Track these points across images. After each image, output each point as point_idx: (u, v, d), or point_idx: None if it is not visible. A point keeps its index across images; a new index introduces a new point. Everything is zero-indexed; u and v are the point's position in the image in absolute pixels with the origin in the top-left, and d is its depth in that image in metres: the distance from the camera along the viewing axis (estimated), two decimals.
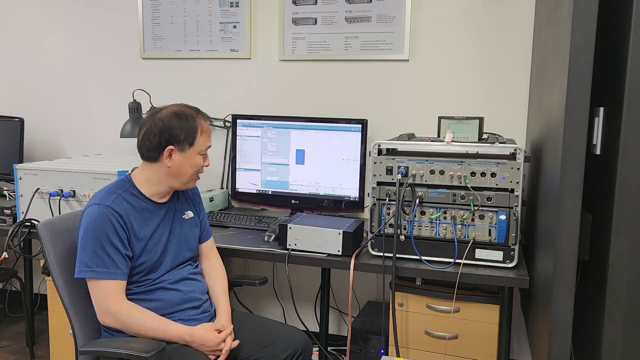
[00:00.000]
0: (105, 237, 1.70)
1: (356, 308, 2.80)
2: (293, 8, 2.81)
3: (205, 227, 2.07)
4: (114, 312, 1.70)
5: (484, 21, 2.58)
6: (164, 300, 1.81)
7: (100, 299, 1.71)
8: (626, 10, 1.31)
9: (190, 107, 1.88)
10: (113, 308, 1.70)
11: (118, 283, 1.72)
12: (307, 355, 1.97)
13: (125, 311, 1.71)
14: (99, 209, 1.72)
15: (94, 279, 1.70)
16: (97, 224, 1.71)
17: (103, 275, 1.69)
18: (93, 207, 1.74)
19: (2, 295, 3.44)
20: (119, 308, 1.71)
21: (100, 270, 1.69)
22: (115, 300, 1.71)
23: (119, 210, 1.74)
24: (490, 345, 2.03)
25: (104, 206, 1.73)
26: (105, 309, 1.71)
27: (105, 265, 1.69)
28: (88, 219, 1.72)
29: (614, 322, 1.37)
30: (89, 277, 1.70)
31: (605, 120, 1.40)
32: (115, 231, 1.72)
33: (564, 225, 1.39)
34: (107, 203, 1.74)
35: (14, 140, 3.00)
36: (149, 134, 1.79)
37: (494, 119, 2.55)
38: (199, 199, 2.07)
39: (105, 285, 1.70)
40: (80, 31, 3.18)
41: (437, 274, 1.99)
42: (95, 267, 1.69)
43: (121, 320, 1.71)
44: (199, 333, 1.77)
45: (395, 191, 2.01)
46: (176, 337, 1.75)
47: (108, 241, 1.70)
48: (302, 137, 2.65)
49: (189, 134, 1.80)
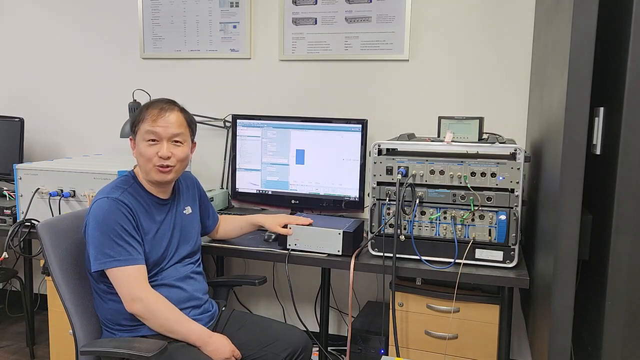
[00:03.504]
0: (119, 226, 1.71)
1: (356, 308, 2.80)
2: (293, 8, 2.81)
3: (211, 215, 2.16)
4: (143, 298, 1.71)
5: (484, 21, 2.58)
6: (167, 297, 1.81)
7: (128, 286, 1.71)
8: (626, 10, 1.31)
9: (161, 99, 1.90)
10: (142, 294, 1.71)
11: (141, 268, 1.73)
12: (307, 354, 1.98)
13: (153, 298, 1.72)
14: (108, 202, 1.74)
15: (119, 267, 1.70)
16: (109, 216, 1.72)
17: (127, 263, 1.70)
18: (101, 201, 1.74)
19: (2, 295, 3.44)
20: (147, 294, 1.72)
21: (123, 258, 1.70)
22: (143, 286, 1.72)
23: (127, 202, 1.76)
24: (490, 345, 2.03)
25: (112, 198, 1.74)
26: (134, 295, 1.71)
27: (128, 253, 1.71)
28: (98, 212, 1.73)
29: (614, 322, 1.37)
30: (112, 267, 1.70)
31: (605, 120, 1.40)
32: (127, 220, 1.73)
33: (564, 225, 1.39)
34: (115, 196, 1.75)
35: (14, 140, 3.00)
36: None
37: (494, 119, 2.55)
38: (199, 192, 2.09)
39: (130, 271, 1.71)
40: (80, 31, 3.18)
41: (437, 274, 1.99)
42: (117, 256, 1.70)
43: (149, 306, 1.71)
44: (218, 338, 1.79)
45: (395, 191, 2.01)
46: (196, 335, 1.75)
47: (123, 229, 1.72)
48: (302, 137, 2.65)
49: (134, 122, 1.85)
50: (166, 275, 1.84)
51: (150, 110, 1.83)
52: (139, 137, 1.83)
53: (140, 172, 1.87)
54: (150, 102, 1.87)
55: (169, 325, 1.74)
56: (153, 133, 1.80)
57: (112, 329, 1.79)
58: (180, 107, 1.89)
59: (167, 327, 1.74)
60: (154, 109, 1.83)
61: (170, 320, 1.74)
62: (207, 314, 1.92)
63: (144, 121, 1.82)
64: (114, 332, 1.78)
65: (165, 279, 1.83)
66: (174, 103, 1.88)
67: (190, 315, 1.85)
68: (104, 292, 1.77)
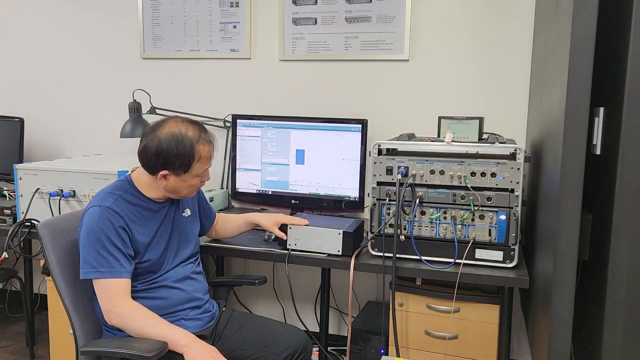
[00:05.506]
0: (106, 237, 1.70)
1: (356, 308, 2.80)
2: (293, 8, 2.81)
3: (208, 215, 2.14)
4: (117, 313, 1.70)
5: (484, 21, 2.58)
6: (167, 298, 1.82)
7: (106, 298, 1.70)
8: (626, 10, 1.31)
9: (194, 125, 1.80)
10: (116, 308, 1.70)
11: (123, 281, 1.72)
12: (307, 354, 1.98)
13: (128, 312, 1.70)
14: (99, 211, 1.73)
15: (100, 279, 1.70)
16: (98, 225, 1.71)
17: (108, 275, 1.69)
18: (93, 209, 1.74)
19: (2, 295, 3.44)
20: (122, 309, 1.70)
21: (105, 270, 1.69)
22: (121, 299, 1.70)
23: (119, 211, 1.75)
24: (490, 345, 2.03)
25: (104, 207, 1.73)
26: (108, 308, 1.70)
27: (110, 265, 1.70)
28: (89, 221, 1.73)
29: (614, 322, 1.37)
30: (94, 278, 1.70)
31: (605, 120, 1.40)
32: (116, 231, 1.72)
33: (564, 225, 1.39)
34: (107, 204, 1.74)
35: (14, 140, 3.00)
36: (146, 151, 1.77)
37: (494, 119, 2.55)
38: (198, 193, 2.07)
39: (110, 284, 1.70)
40: (81, 31, 3.18)
41: (437, 274, 1.99)
42: (99, 268, 1.69)
43: (124, 321, 1.70)
44: (204, 346, 1.69)
45: (395, 191, 2.01)
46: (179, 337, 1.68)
47: (109, 241, 1.71)
48: (302, 137, 2.65)
49: (185, 162, 1.76)
50: (167, 277, 1.84)
51: (202, 147, 1.78)
52: (189, 175, 1.79)
53: (168, 194, 1.84)
54: (198, 136, 1.78)
55: (148, 333, 1.68)
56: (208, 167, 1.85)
57: (112, 329, 1.79)
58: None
59: (147, 336, 1.68)
60: (205, 145, 1.79)
61: (147, 328, 1.68)
62: (207, 314, 1.92)
63: (201, 161, 1.79)
64: (114, 332, 1.78)
65: (165, 280, 1.83)
66: (206, 129, 1.84)
67: (191, 315, 1.85)
68: None
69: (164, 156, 1.74)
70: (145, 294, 1.79)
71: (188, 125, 1.79)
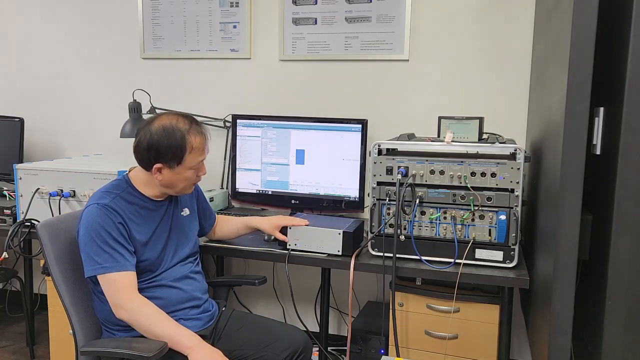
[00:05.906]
0: (107, 233, 1.71)
1: (356, 308, 2.80)
2: (293, 8, 2.81)
3: (208, 216, 2.14)
4: (126, 306, 1.70)
5: (484, 21, 2.58)
6: (165, 298, 1.81)
7: (114, 293, 1.70)
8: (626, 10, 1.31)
9: (185, 118, 1.81)
10: (125, 302, 1.70)
11: (129, 274, 1.72)
12: (307, 354, 1.98)
13: (137, 306, 1.70)
14: (97, 208, 1.73)
15: (105, 274, 1.70)
16: (97, 222, 1.71)
17: (113, 269, 1.70)
18: (91, 207, 1.75)
19: (2, 295, 3.44)
20: (130, 302, 1.70)
21: (110, 265, 1.70)
22: (129, 292, 1.71)
23: (117, 209, 1.75)
24: (490, 345, 2.03)
25: (102, 205, 1.74)
26: (117, 302, 1.70)
27: (114, 260, 1.70)
28: (88, 219, 1.73)
29: (614, 322, 1.37)
30: (100, 274, 1.70)
31: (605, 120, 1.40)
32: (115, 227, 1.73)
33: (564, 225, 1.39)
34: (105, 202, 1.75)
35: (14, 140, 3.00)
36: (139, 146, 1.78)
37: (494, 119, 2.55)
38: (197, 192, 2.08)
39: (117, 278, 1.70)
40: (80, 31, 3.18)
41: (437, 274, 1.99)
42: (104, 263, 1.70)
43: (134, 314, 1.70)
44: (209, 349, 1.70)
45: (395, 191, 2.01)
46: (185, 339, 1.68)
47: (110, 237, 1.71)
48: (302, 137, 2.65)
49: (176, 153, 1.76)
50: (165, 276, 1.84)
51: (194, 138, 1.78)
52: (184, 167, 1.79)
53: (165, 189, 1.84)
54: (189, 127, 1.79)
55: (155, 331, 1.69)
56: (203, 160, 1.84)
57: (111, 329, 1.79)
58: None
59: (153, 334, 1.69)
60: (197, 136, 1.79)
61: (154, 325, 1.69)
62: (206, 314, 1.91)
63: (193, 152, 1.78)
64: (114, 332, 1.78)
65: (164, 279, 1.83)
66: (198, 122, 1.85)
67: (190, 315, 1.85)
68: (101, 293, 1.76)
69: (155, 148, 1.75)
70: (144, 293, 1.78)
71: (179, 118, 1.81)
